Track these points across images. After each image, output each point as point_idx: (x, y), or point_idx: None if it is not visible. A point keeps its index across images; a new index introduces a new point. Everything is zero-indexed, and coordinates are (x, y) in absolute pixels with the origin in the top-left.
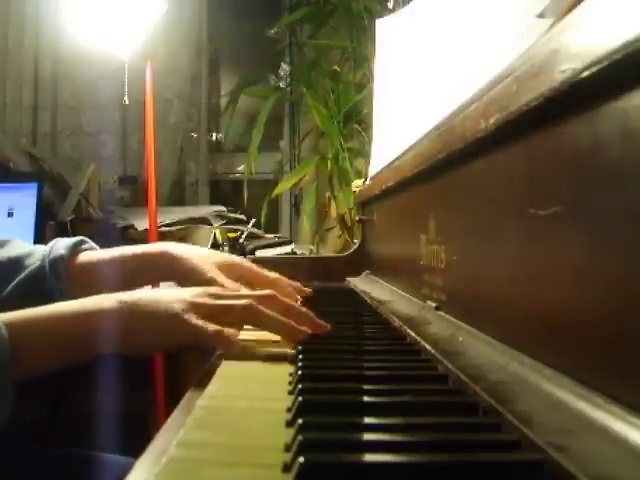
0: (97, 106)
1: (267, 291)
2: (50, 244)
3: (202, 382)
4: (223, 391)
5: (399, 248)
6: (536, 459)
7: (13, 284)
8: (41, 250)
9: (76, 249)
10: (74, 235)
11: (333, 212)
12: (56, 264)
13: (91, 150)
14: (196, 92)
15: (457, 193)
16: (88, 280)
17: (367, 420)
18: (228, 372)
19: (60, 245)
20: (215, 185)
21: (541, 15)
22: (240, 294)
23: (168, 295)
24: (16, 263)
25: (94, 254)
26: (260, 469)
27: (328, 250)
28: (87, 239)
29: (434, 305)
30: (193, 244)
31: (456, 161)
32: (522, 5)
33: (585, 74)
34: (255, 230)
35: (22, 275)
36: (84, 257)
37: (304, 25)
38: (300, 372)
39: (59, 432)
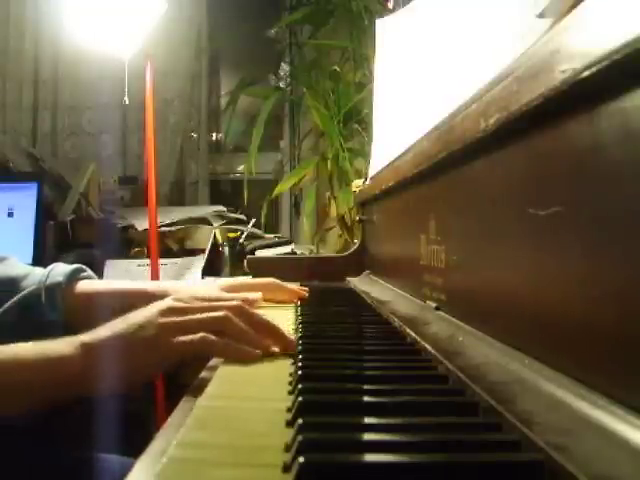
0: (97, 106)
1: (235, 302)
2: (48, 268)
3: (202, 382)
4: (223, 391)
5: (399, 248)
6: (536, 459)
7: (6, 306)
8: (39, 273)
9: (74, 277)
10: (74, 235)
11: (333, 212)
12: (53, 291)
13: (91, 150)
14: (196, 92)
15: (457, 193)
16: (85, 310)
17: (367, 420)
18: (228, 372)
19: (58, 272)
20: (215, 185)
21: (541, 15)
22: (211, 306)
23: (135, 324)
24: (12, 283)
25: (93, 284)
26: (260, 469)
27: (328, 250)
28: (85, 267)
29: (434, 305)
30: (193, 244)
31: (456, 161)
32: (522, 5)
33: (585, 74)
34: (255, 230)
35: (17, 298)
36: (82, 286)
37: (304, 25)
38: (300, 372)
39: (58, 432)
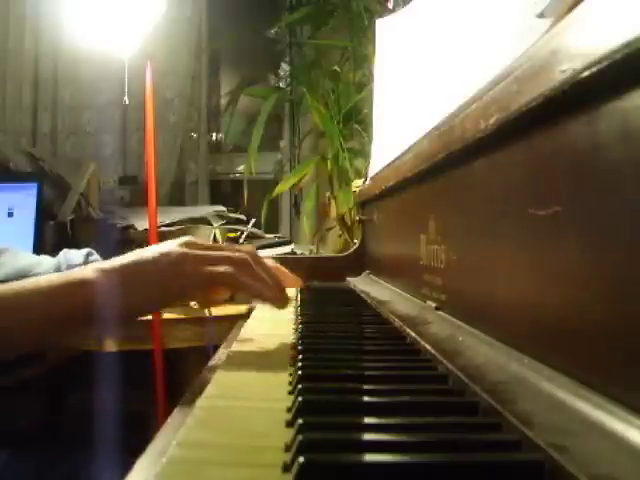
0: (97, 106)
1: (250, 250)
2: (60, 254)
3: (202, 382)
4: (223, 391)
5: (399, 248)
6: (536, 459)
7: None
8: (50, 261)
9: (87, 259)
10: (74, 235)
11: (333, 212)
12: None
13: (91, 150)
14: (196, 92)
15: (457, 193)
16: None
17: (367, 420)
18: (228, 372)
19: (73, 255)
20: (215, 185)
21: (541, 15)
22: (231, 248)
23: (158, 252)
24: (23, 273)
25: (101, 265)
26: (260, 469)
27: (328, 250)
28: (93, 251)
29: (434, 305)
30: None
31: (456, 161)
32: (522, 5)
33: (585, 74)
34: (255, 230)
35: None
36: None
37: (304, 25)
38: (300, 372)
39: (59, 433)
